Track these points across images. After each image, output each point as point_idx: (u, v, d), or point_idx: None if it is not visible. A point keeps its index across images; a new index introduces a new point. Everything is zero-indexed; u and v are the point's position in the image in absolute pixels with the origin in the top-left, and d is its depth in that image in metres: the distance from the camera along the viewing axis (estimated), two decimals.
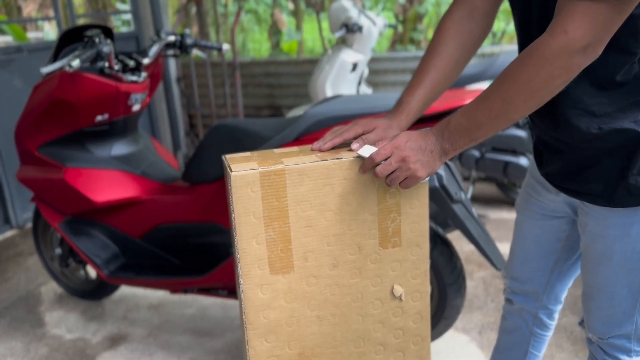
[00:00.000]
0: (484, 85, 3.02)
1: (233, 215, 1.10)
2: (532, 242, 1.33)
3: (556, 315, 1.47)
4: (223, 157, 1.20)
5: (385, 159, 1.10)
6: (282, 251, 1.14)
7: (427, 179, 1.14)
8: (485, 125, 1.03)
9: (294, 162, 1.11)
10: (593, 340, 1.26)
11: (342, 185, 1.14)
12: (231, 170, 1.08)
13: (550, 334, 1.49)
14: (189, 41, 2.33)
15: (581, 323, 2.18)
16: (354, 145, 1.16)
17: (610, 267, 1.12)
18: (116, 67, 2.07)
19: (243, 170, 1.08)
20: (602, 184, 1.05)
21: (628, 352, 1.20)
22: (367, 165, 1.13)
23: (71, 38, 2.08)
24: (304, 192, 1.12)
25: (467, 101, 1.68)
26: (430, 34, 6.29)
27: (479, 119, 1.03)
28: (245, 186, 1.09)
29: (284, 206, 1.12)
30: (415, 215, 1.20)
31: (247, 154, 1.22)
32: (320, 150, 1.18)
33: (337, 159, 1.13)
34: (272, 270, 1.14)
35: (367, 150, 1.11)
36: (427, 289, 1.27)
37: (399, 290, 1.23)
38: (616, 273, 1.12)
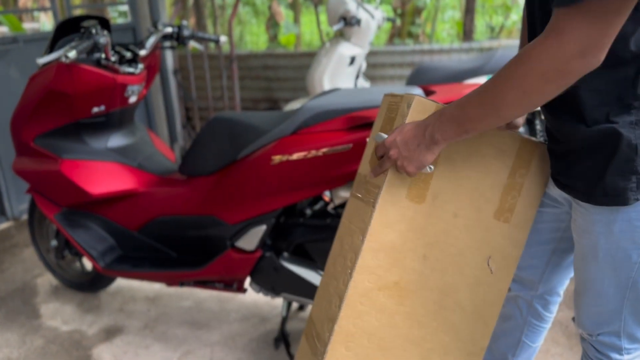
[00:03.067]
0: (481, 79, 3.01)
1: None
2: (530, 228, 1.34)
3: (553, 308, 1.47)
4: (385, 94, 1.29)
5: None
6: (423, 182, 1.19)
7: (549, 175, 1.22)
8: (475, 119, 1.03)
9: None
10: (585, 338, 1.27)
11: (487, 149, 1.21)
12: (413, 94, 1.15)
13: (546, 326, 1.50)
14: (186, 33, 2.32)
15: (574, 319, 2.19)
16: None
17: (597, 264, 1.13)
18: (113, 58, 2.06)
19: (424, 98, 1.15)
20: (584, 180, 1.07)
21: (619, 350, 1.21)
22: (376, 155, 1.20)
23: (67, 29, 2.07)
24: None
25: None
26: (428, 28, 6.28)
27: (470, 112, 1.03)
28: (422, 112, 1.14)
29: None
30: (530, 200, 1.28)
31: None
32: None
33: None
34: (409, 195, 1.19)
35: (380, 138, 1.17)
36: (512, 273, 1.33)
37: (492, 263, 1.29)
38: (603, 270, 1.13)
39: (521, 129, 1.35)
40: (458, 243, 1.26)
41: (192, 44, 2.47)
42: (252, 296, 2.47)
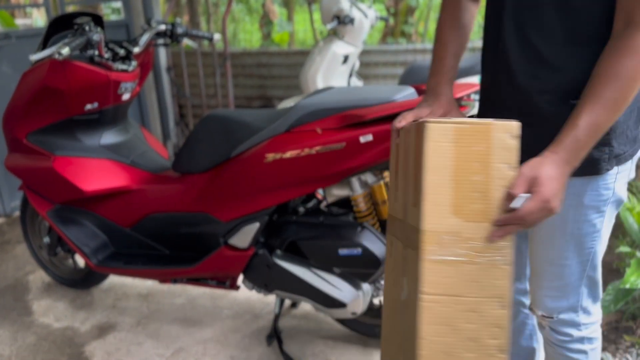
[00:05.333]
0: (473, 79, 3.03)
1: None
2: None
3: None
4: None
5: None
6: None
7: None
8: (600, 132, 1.03)
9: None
10: (544, 325, 1.32)
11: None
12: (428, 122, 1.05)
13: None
14: (179, 30, 2.32)
15: (531, 309, 2.22)
16: (398, 123, 1.23)
17: (564, 237, 1.18)
18: (106, 55, 2.06)
19: (440, 122, 1.06)
20: None
21: (577, 326, 1.26)
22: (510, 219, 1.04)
23: (60, 25, 2.06)
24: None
25: (458, 95, 1.70)
26: (421, 27, 6.30)
27: (604, 125, 1.02)
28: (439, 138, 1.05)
29: None
30: None
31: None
32: None
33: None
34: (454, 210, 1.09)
35: (519, 201, 1.01)
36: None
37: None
38: (568, 242, 1.18)
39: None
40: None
41: (186, 41, 2.47)
42: (245, 293, 2.48)
